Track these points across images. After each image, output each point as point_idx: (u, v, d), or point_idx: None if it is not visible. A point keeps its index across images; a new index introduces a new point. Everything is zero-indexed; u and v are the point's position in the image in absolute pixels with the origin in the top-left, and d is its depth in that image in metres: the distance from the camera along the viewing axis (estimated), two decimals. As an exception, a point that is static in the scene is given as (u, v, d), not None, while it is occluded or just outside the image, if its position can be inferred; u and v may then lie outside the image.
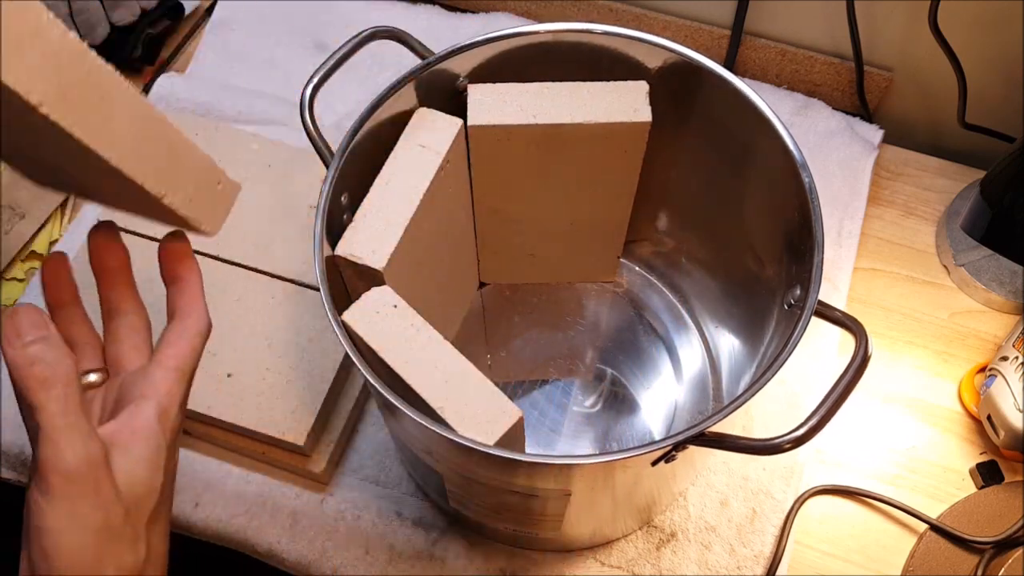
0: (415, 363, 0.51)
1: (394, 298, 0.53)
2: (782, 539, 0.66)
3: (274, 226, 0.73)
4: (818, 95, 0.86)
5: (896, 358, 0.75)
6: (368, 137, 0.56)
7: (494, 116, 0.58)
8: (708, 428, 0.47)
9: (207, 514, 0.66)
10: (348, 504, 0.67)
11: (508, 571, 0.65)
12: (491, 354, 0.73)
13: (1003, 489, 0.68)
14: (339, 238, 0.55)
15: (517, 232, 0.69)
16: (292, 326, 0.69)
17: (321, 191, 0.54)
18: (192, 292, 0.42)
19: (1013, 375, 0.67)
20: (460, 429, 0.49)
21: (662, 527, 0.67)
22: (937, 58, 0.76)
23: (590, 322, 0.75)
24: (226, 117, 0.82)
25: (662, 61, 0.59)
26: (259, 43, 0.90)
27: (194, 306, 0.42)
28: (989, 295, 0.76)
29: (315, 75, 0.56)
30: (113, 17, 0.85)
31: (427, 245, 0.60)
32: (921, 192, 0.82)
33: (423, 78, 0.58)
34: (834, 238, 0.78)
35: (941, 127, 0.86)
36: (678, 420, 0.70)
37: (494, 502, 0.57)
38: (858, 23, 0.79)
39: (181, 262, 0.42)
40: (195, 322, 0.41)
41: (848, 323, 0.50)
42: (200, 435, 0.69)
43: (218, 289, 0.70)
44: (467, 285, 0.74)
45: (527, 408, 0.70)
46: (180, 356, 0.41)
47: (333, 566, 0.65)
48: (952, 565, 0.65)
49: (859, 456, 0.70)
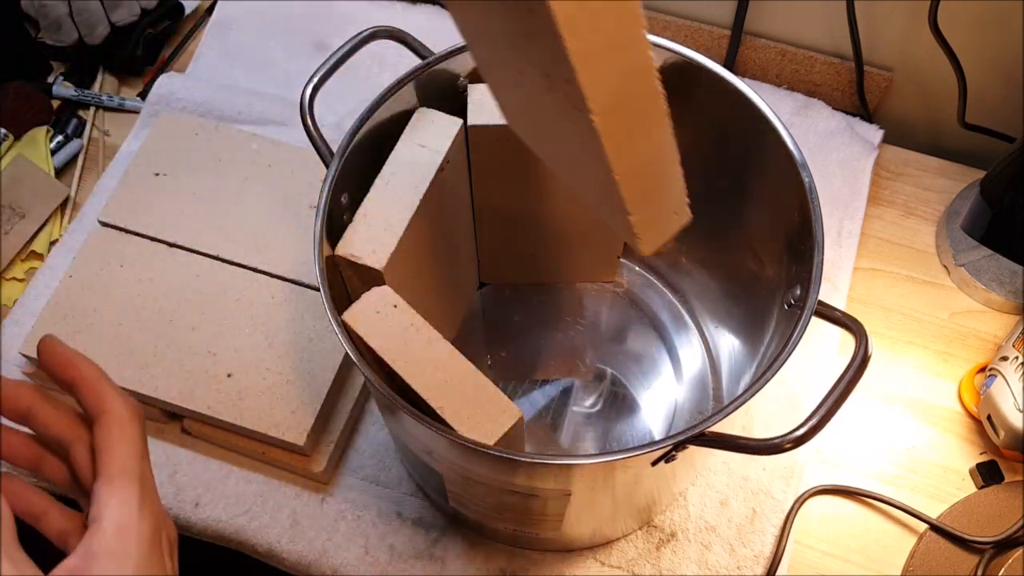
0: (415, 363, 0.51)
1: (394, 298, 0.53)
2: (782, 539, 0.66)
3: (274, 226, 0.73)
4: (818, 95, 0.86)
5: (896, 358, 0.75)
6: (368, 137, 0.56)
7: (494, 116, 0.58)
8: (708, 428, 0.47)
9: (207, 514, 0.66)
10: (348, 504, 0.67)
11: (508, 571, 0.65)
12: (491, 354, 0.73)
13: (1003, 489, 0.68)
14: (339, 238, 0.55)
15: (517, 232, 0.69)
16: (292, 326, 0.69)
17: (321, 191, 0.54)
18: (94, 388, 0.38)
19: (1013, 375, 0.67)
20: (460, 429, 0.49)
21: (662, 527, 0.67)
22: (937, 58, 0.76)
23: (590, 322, 0.75)
24: (226, 117, 0.82)
25: (662, 61, 0.59)
26: (259, 43, 0.90)
27: (104, 400, 0.38)
28: (989, 295, 0.76)
29: (315, 75, 0.56)
30: (113, 17, 0.85)
31: (427, 245, 0.60)
32: (921, 192, 0.82)
33: (423, 78, 0.58)
34: (834, 238, 0.78)
35: (941, 127, 0.86)
36: (678, 420, 0.70)
37: (494, 502, 0.57)
38: (858, 23, 0.79)
39: (67, 367, 0.39)
40: (114, 416, 0.38)
41: (848, 323, 0.50)
42: (200, 435, 0.69)
43: (218, 289, 0.70)
44: (467, 285, 0.74)
45: (527, 408, 0.70)
46: (118, 458, 0.37)
47: (333, 566, 0.65)
48: (952, 565, 0.65)
49: (859, 456, 0.70)
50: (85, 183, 0.83)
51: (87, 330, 0.69)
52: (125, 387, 0.66)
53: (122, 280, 0.71)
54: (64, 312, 0.69)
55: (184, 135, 0.78)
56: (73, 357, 0.39)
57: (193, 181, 0.75)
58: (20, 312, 0.74)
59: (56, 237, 0.80)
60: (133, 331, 0.69)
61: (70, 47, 0.85)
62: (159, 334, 0.69)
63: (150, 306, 0.70)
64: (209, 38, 0.90)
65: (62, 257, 0.77)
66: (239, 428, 0.66)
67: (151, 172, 0.76)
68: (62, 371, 0.39)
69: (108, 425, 0.37)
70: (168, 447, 0.69)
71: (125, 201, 0.74)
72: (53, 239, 0.80)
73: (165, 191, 0.75)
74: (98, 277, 0.71)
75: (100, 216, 0.74)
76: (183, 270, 0.71)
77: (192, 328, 0.69)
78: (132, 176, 0.76)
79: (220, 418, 0.65)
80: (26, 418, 0.40)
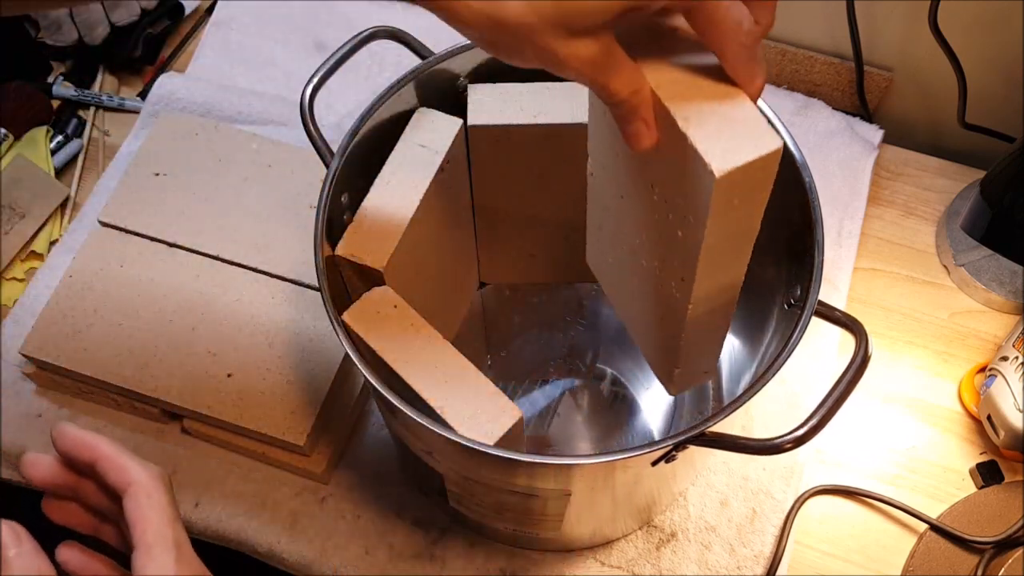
0: (415, 363, 0.51)
1: (394, 298, 0.53)
2: (782, 539, 0.66)
3: (274, 226, 0.73)
4: (818, 95, 0.86)
5: (896, 358, 0.75)
6: (368, 137, 0.56)
7: (494, 116, 0.58)
8: (708, 428, 0.47)
9: (207, 514, 0.66)
10: (348, 504, 0.67)
11: (508, 571, 0.65)
12: (491, 354, 0.73)
13: (1003, 489, 0.68)
14: (339, 238, 0.54)
15: (517, 232, 0.69)
16: (292, 326, 0.69)
17: (321, 191, 0.54)
18: (115, 463, 0.40)
19: (1013, 375, 0.67)
20: (460, 429, 0.49)
21: (662, 527, 0.67)
22: (937, 58, 0.76)
23: (590, 322, 0.75)
24: (226, 117, 0.82)
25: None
26: (259, 43, 0.90)
27: (127, 473, 0.40)
28: (989, 295, 0.76)
29: (315, 75, 0.56)
30: (113, 17, 0.85)
31: (427, 245, 0.60)
32: (921, 192, 0.82)
33: (423, 78, 0.58)
34: (834, 238, 0.78)
35: (941, 127, 0.86)
36: (678, 420, 0.70)
37: (494, 502, 0.57)
38: (858, 23, 0.79)
39: (83, 449, 0.40)
40: (141, 487, 0.40)
41: (848, 323, 0.50)
42: (200, 435, 0.69)
43: (218, 289, 0.70)
44: (467, 285, 0.74)
45: (527, 408, 0.70)
46: (151, 527, 0.39)
47: (333, 566, 0.65)
48: (952, 565, 0.65)
49: (859, 456, 0.70)
50: (85, 183, 0.83)
51: (87, 330, 0.69)
52: (125, 387, 0.66)
53: (122, 280, 0.71)
54: (64, 312, 0.69)
55: (184, 135, 0.78)
56: (88, 438, 0.40)
57: (193, 181, 0.75)
58: (20, 312, 0.74)
59: (56, 237, 0.80)
60: (133, 331, 0.69)
61: (70, 47, 0.85)
62: (159, 334, 0.69)
63: (150, 306, 0.70)
64: (209, 38, 0.90)
65: (62, 257, 0.77)
66: (239, 428, 0.66)
67: (151, 172, 0.76)
68: (79, 453, 0.40)
69: (136, 496, 0.39)
70: (168, 447, 0.69)
71: (125, 201, 0.74)
72: (53, 239, 0.80)
73: (165, 191, 0.75)
74: (98, 277, 0.71)
75: (100, 216, 0.74)
76: (183, 270, 0.71)
77: (192, 328, 0.69)
78: (132, 176, 0.76)
79: (220, 418, 0.65)
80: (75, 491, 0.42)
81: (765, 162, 0.38)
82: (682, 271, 0.46)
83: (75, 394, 0.71)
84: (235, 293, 0.70)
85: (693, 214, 0.42)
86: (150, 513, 0.39)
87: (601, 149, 0.50)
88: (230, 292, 0.70)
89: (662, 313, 0.51)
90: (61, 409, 0.70)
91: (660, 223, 0.46)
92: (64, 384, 0.70)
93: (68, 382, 0.69)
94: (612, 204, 0.52)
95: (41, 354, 0.68)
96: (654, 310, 0.52)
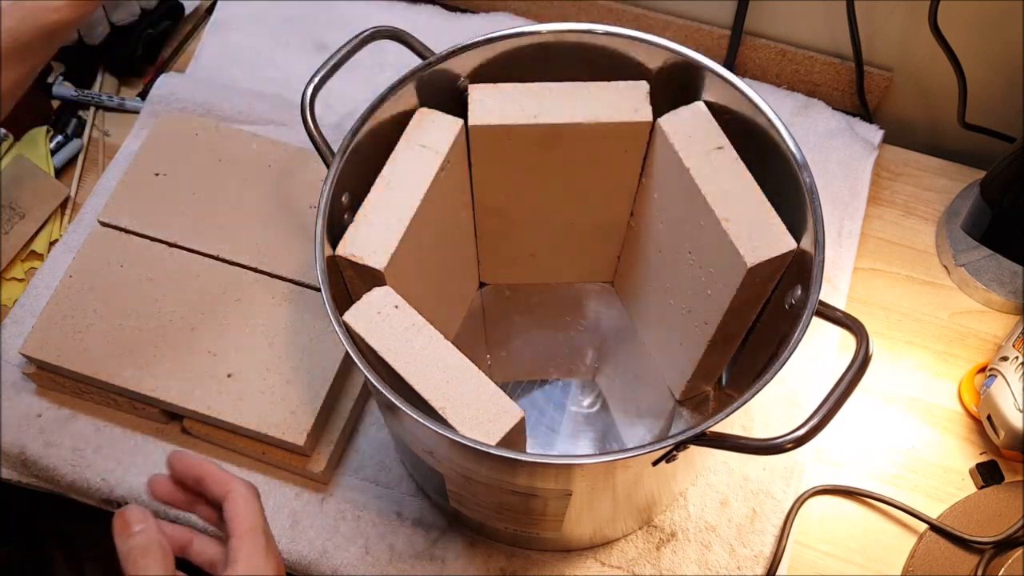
0: (416, 363, 0.51)
1: (395, 298, 0.53)
2: (782, 539, 0.66)
3: (274, 226, 0.73)
4: (818, 95, 0.86)
5: (896, 358, 0.75)
6: (369, 137, 0.56)
7: (495, 116, 0.58)
8: (708, 428, 0.47)
9: (207, 514, 0.66)
10: (348, 504, 0.67)
11: (508, 571, 0.66)
12: (491, 354, 0.73)
13: (1003, 489, 0.68)
14: (340, 238, 0.55)
15: (517, 232, 0.69)
16: (292, 326, 0.69)
17: (321, 191, 0.54)
18: (218, 477, 0.47)
19: (1013, 375, 0.67)
20: (461, 429, 0.49)
21: (662, 527, 0.67)
22: (937, 58, 0.76)
23: (590, 322, 0.75)
24: (226, 117, 0.82)
25: (662, 61, 0.59)
26: (259, 43, 0.89)
27: (229, 483, 0.47)
28: (989, 295, 0.76)
29: (316, 75, 0.56)
30: (113, 17, 0.85)
31: (428, 245, 0.60)
32: (921, 192, 0.82)
33: (424, 78, 0.58)
34: (834, 238, 0.78)
35: (941, 127, 0.86)
36: (678, 420, 0.70)
37: (494, 502, 0.57)
38: (858, 23, 0.79)
39: (194, 468, 0.48)
40: (239, 492, 0.46)
41: (849, 323, 0.50)
42: (200, 435, 0.69)
43: (218, 289, 0.70)
44: (467, 285, 0.74)
45: (527, 408, 0.70)
46: (246, 519, 0.46)
47: (333, 566, 0.65)
48: (952, 565, 0.65)
49: (859, 456, 0.70)
50: (85, 183, 0.83)
51: (87, 330, 0.69)
52: (125, 387, 0.66)
53: (122, 280, 0.71)
54: (64, 312, 0.69)
55: (184, 135, 0.78)
56: (197, 461, 0.48)
57: (193, 181, 0.75)
58: (20, 312, 0.74)
59: (56, 237, 0.80)
60: (133, 331, 0.69)
61: (70, 47, 0.85)
62: (159, 334, 0.69)
63: (150, 306, 0.70)
64: (209, 38, 0.90)
65: (62, 257, 0.77)
66: (239, 428, 0.66)
67: (151, 172, 0.76)
68: (191, 472, 0.48)
69: (235, 499, 0.46)
70: (168, 447, 0.69)
71: (125, 201, 0.74)
72: (53, 239, 0.80)
73: (165, 191, 0.75)
74: (98, 277, 0.71)
75: (100, 216, 0.74)
76: (183, 270, 0.71)
77: (192, 328, 0.69)
78: (132, 176, 0.76)
79: (220, 418, 0.65)
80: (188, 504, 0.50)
81: (783, 258, 0.53)
82: (706, 317, 0.59)
83: (75, 394, 0.71)
84: (235, 293, 0.70)
85: (724, 283, 0.56)
86: (246, 511, 0.46)
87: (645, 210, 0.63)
88: (230, 292, 0.70)
89: (680, 339, 0.64)
90: (61, 409, 0.70)
91: (692, 280, 0.59)
92: (64, 384, 0.70)
93: (68, 382, 0.69)
94: (652, 256, 0.65)
95: (41, 354, 0.68)
96: (675, 338, 0.65)
